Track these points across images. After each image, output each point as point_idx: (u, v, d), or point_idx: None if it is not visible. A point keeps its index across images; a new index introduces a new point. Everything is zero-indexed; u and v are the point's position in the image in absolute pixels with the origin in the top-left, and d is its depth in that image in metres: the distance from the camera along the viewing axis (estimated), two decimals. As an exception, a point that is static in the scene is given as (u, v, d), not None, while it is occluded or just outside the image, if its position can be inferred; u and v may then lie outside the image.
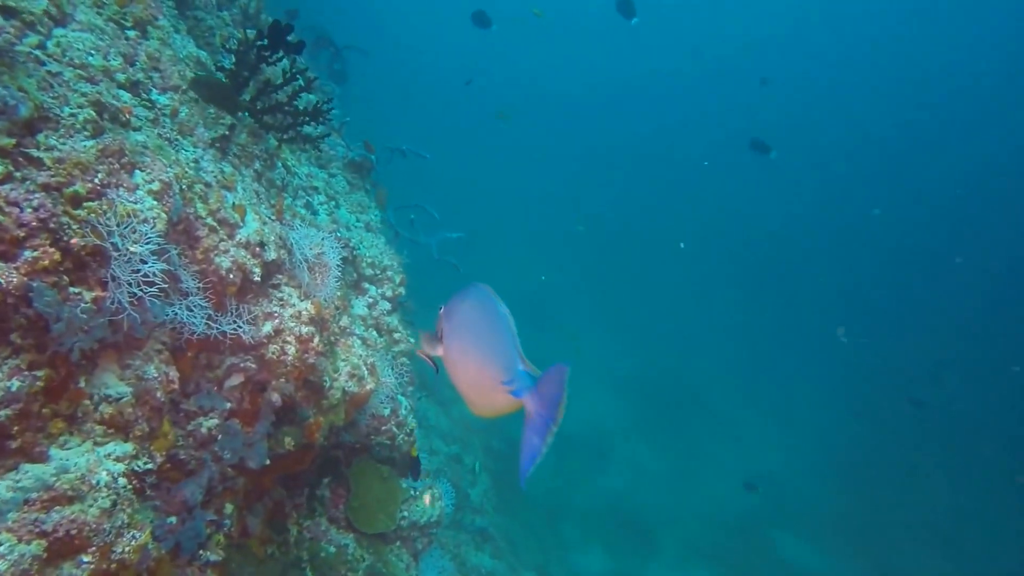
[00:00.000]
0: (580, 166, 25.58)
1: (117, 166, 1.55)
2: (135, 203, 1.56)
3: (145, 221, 1.56)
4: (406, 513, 3.08)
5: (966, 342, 16.47)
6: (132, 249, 1.47)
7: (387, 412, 3.04)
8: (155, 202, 1.62)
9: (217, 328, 1.91)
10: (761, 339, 17.00)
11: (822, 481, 12.41)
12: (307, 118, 2.39)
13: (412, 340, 3.38)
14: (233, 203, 2.06)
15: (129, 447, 1.60)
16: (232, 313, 1.98)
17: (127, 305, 1.49)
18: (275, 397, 2.19)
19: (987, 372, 15.20)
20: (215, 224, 1.92)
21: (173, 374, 1.80)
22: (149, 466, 1.66)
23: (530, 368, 1.58)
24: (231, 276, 1.93)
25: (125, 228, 1.49)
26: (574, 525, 10.00)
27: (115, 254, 1.47)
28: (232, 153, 2.30)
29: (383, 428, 3.02)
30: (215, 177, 2.08)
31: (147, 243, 1.51)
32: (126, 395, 1.60)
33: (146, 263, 1.51)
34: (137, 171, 1.62)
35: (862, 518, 11.37)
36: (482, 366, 1.59)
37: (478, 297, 1.71)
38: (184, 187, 1.79)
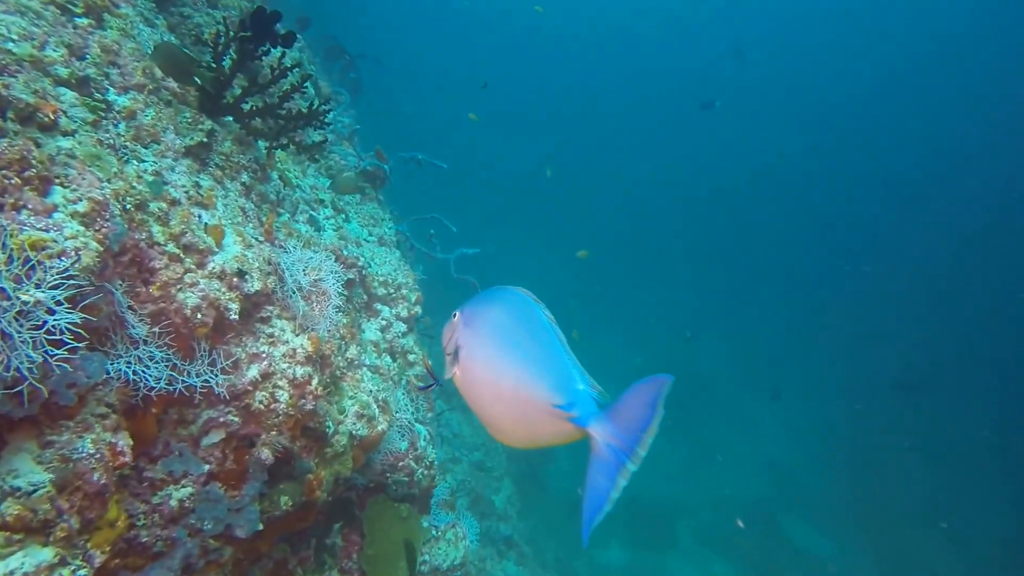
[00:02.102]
0: (579, 163, 24.83)
1: (16, 181, 1.05)
2: (46, 231, 1.06)
3: (61, 254, 1.06)
4: (427, 557, 2.58)
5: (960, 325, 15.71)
6: (26, 297, 0.96)
7: (404, 446, 2.53)
8: (81, 227, 1.12)
9: (182, 381, 1.41)
10: (765, 328, 16.26)
11: (828, 466, 11.78)
12: (301, 122, 1.88)
13: (430, 362, 2.86)
14: (206, 224, 1.56)
15: (48, 554, 1.10)
16: (204, 359, 1.48)
17: (25, 372, 0.99)
18: (265, 454, 1.68)
19: (980, 354, 14.46)
20: (178, 251, 1.42)
21: (124, 443, 1.30)
22: (83, 572, 1.16)
23: (594, 387, 1.12)
24: (199, 316, 1.43)
25: (21, 266, 0.98)
26: (592, 517, 9.50)
27: (4, 303, 0.96)
28: (213, 164, 1.80)
29: (400, 464, 2.52)
30: (186, 193, 1.58)
31: (55, 285, 1.01)
32: (43, 484, 1.11)
33: (54, 313, 1.00)
34: (56, 187, 1.12)
35: (867, 502, 10.76)
36: (520, 385, 1.16)
37: (511, 301, 1.27)
38: (131, 207, 1.29)
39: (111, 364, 1.26)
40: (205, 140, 1.75)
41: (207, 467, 1.60)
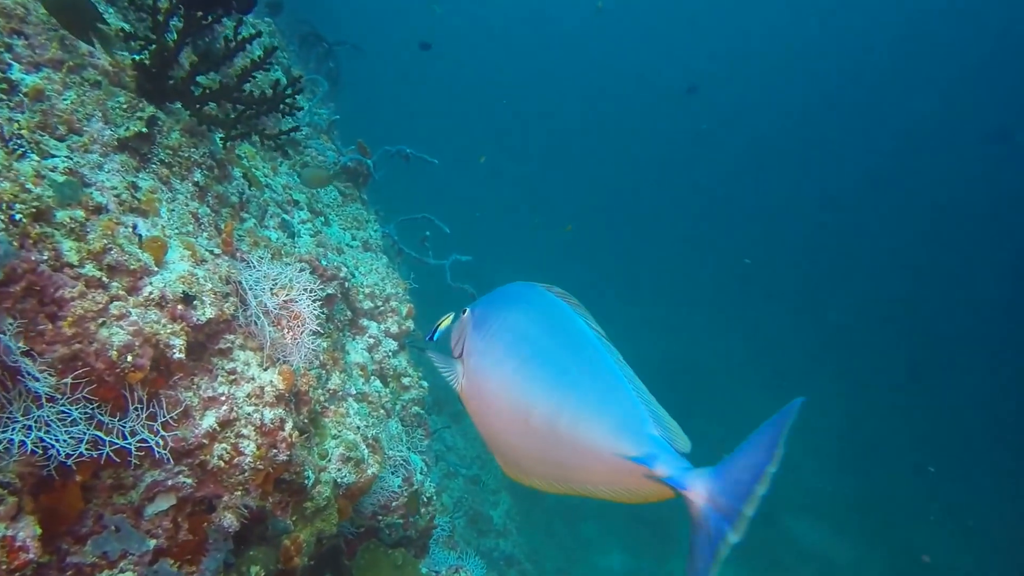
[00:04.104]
0: (573, 160, 24.41)
1: None
2: None
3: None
4: (427, 609, 2.26)
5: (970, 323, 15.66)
6: None
7: (398, 483, 2.21)
8: (-62, 250, 0.79)
9: (109, 443, 1.08)
10: (767, 322, 16.03)
11: (833, 463, 11.62)
12: (265, 107, 1.55)
13: (425, 384, 2.54)
14: (142, 236, 1.23)
15: None
16: (140, 412, 1.15)
17: None
18: (228, 519, 1.36)
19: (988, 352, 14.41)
20: (100, 274, 1.09)
21: (26, 533, 0.98)
22: None
23: (676, 434, 0.87)
24: (130, 357, 1.10)
25: None
26: (592, 524, 9.27)
27: None
28: (157, 160, 1.47)
29: (394, 504, 2.20)
30: (116, 197, 1.25)
31: None
32: None
33: None
34: (-102, 193, 0.79)
35: (874, 499, 10.62)
36: (561, 419, 0.89)
37: (539, 302, 1.02)
38: (24, 217, 0.96)
39: (1, 432, 0.93)
40: (144, 130, 1.41)
41: (153, 542, 1.28)
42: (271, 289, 1.45)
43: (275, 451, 1.42)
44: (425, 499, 2.37)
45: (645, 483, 0.83)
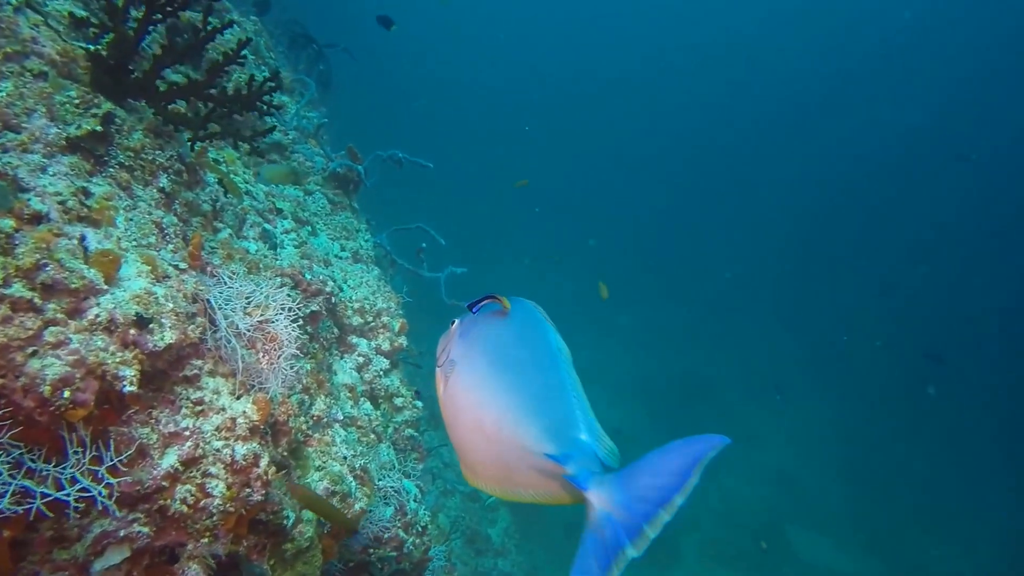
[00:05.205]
0: (578, 165, 24.14)
1: None
2: None
3: None
4: (423, 650, 2.09)
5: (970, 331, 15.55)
6: None
7: (389, 512, 2.04)
8: None
9: (40, 493, 0.91)
10: (768, 331, 15.83)
11: (837, 474, 11.46)
12: (239, 104, 1.39)
13: (419, 404, 2.37)
14: (90, 249, 1.06)
15: None
16: (82, 455, 0.98)
17: None
18: (193, 571, 1.19)
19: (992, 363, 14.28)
20: (31, 295, 0.92)
21: (-65, 610, 0.80)
22: None
23: (602, 441, 0.88)
24: (68, 392, 0.93)
25: None
26: (592, 537, 9.07)
27: None
28: (116, 163, 1.30)
29: (386, 536, 2.02)
30: (60, 204, 1.09)
31: None
32: None
33: None
34: None
35: (877, 511, 10.48)
36: (505, 419, 0.94)
37: (520, 316, 1.08)
38: (-70, 228, 0.80)
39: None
40: (99, 129, 1.25)
41: (104, 602, 1.10)
42: (244, 308, 1.28)
43: (248, 490, 1.25)
44: (419, 529, 2.20)
45: (566, 484, 0.84)
